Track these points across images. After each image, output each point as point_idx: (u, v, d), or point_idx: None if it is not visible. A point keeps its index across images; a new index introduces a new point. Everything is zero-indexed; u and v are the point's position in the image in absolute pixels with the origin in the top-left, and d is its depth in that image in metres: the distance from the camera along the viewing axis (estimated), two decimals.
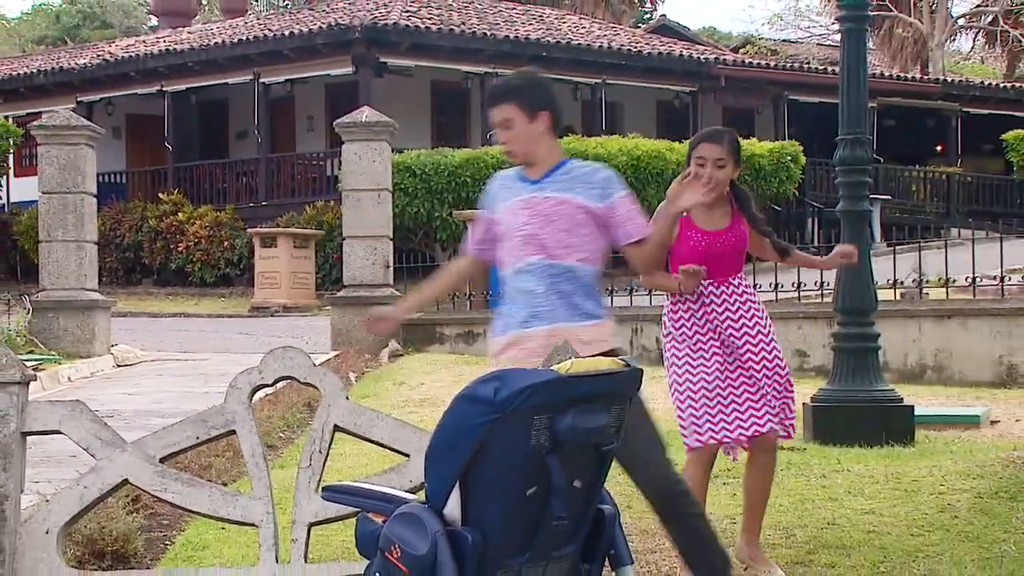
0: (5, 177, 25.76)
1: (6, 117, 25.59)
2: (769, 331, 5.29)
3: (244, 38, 26.02)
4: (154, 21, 44.61)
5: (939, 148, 31.47)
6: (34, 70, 29.10)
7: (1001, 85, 33.24)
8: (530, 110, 4.46)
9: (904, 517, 5.84)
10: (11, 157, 25.49)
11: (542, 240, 4.44)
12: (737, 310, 5.27)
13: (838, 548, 5.41)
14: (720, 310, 5.26)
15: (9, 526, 4.64)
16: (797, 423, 8.37)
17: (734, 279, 5.34)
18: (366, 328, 5.00)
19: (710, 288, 5.27)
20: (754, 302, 5.36)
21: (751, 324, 5.26)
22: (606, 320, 4.57)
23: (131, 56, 27.72)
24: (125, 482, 4.80)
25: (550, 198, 4.46)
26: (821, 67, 30.17)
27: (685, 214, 5.19)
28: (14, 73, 29.55)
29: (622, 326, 13.60)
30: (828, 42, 40.83)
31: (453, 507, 3.00)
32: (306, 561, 4.65)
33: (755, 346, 5.23)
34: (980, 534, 5.50)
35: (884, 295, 10.26)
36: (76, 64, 28.34)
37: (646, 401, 4.29)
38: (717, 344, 5.23)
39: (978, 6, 42.10)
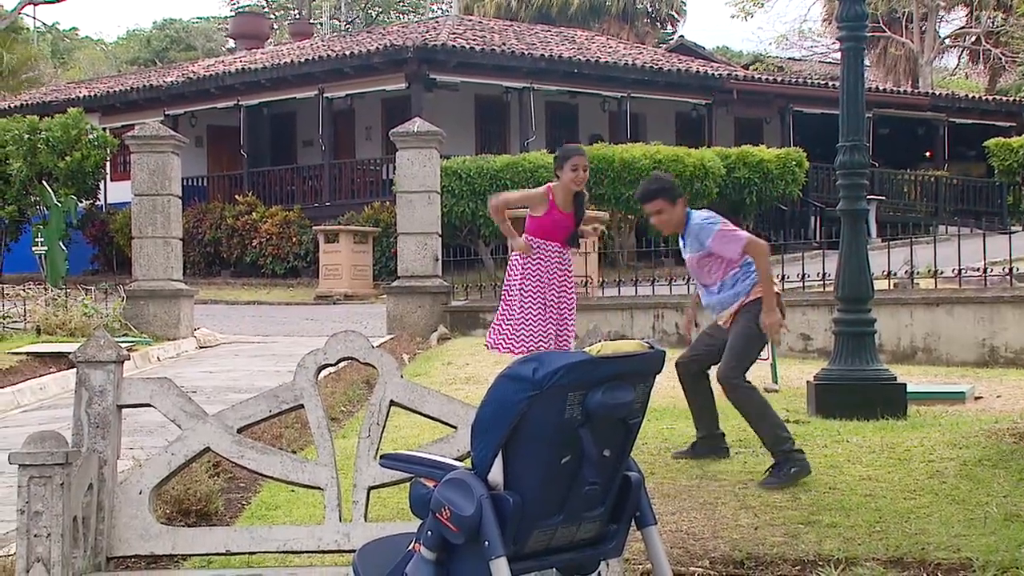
0: (103, 181, 25.94)
1: (104, 129, 25.76)
2: (573, 287, 7.69)
3: (310, 58, 26.06)
4: (232, 44, 44.82)
5: (928, 154, 31.19)
6: (128, 87, 29.28)
7: (984, 98, 32.92)
8: (672, 200, 6.29)
9: (898, 483, 5.79)
10: (108, 164, 25.67)
11: (698, 275, 6.44)
12: (563, 270, 7.54)
13: (839, 510, 5.37)
14: (554, 261, 7.48)
15: (108, 487, 4.67)
16: (802, 400, 8.37)
17: (562, 247, 7.53)
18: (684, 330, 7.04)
19: (552, 246, 7.48)
20: (570, 266, 7.66)
21: (564, 278, 7.55)
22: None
23: (212, 75, 27.83)
24: (207, 450, 4.82)
25: (688, 256, 6.42)
26: (823, 82, 29.90)
27: (551, 197, 7.42)
28: (111, 90, 29.74)
29: (645, 313, 13.56)
30: (829, 59, 40.53)
31: (496, 473, 3.00)
32: (366, 520, 4.66)
33: (566, 294, 7.54)
34: (966, 498, 5.44)
35: (879, 285, 10.18)
36: (164, 82, 28.49)
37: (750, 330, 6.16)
38: (546, 287, 7.43)
39: (963, 27, 41.66)
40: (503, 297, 7.71)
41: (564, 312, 7.57)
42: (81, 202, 23.57)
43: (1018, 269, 11.95)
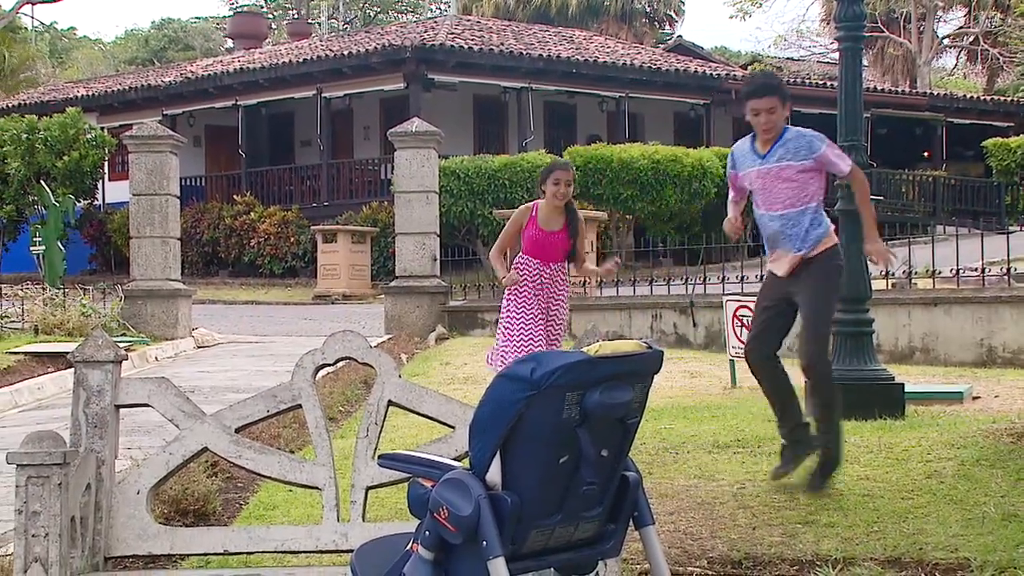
0: (101, 181, 25.94)
1: (101, 128, 25.76)
2: (567, 308, 7.38)
3: (308, 58, 26.07)
4: (230, 44, 44.82)
5: (926, 154, 31.21)
6: (126, 87, 29.28)
7: (981, 98, 32.95)
8: (784, 101, 5.56)
9: (895, 482, 5.79)
10: (106, 164, 25.67)
11: (771, 192, 5.61)
12: (554, 286, 7.23)
13: (837, 510, 5.37)
14: (546, 282, 7.21)
15: (105, 487, 4.67)
16: (800, 400, 8.34)
17: (555, 265, 7.24)
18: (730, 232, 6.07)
19: (537, 263, 7.21)
20: (565, 286, 7.31)
21: (558, 299, 7.25)
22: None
23: (210, 74, 27.84)
24: (205, 450, 4.81)
25: (774, 167, 5.59)
26: (821, 82, 29.92)
27: (534, 212, 7.20)
28: (109, 90, 29.74)
29: (643, 313, 13.56)
30: (827, 60, 40.57)
31: (494, 473, 3.00)
32: (364, 520, 4.66)
33: (557, 314, 7.28)
34: (963, 497, 5.44)
35: (877, 285, 10.19)
36: (162, 82, 28.49)
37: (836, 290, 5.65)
38: (540, 304, 7.17)
39: (961, 28, 41.70)
40: (501, 324, 7.43)
41: (551, 330, 7.31)
42: (79, 202, 23.56)
43: (1016, 269, 11.95)
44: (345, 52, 25.57)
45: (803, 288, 5.59)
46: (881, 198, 26.47)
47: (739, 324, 9.86)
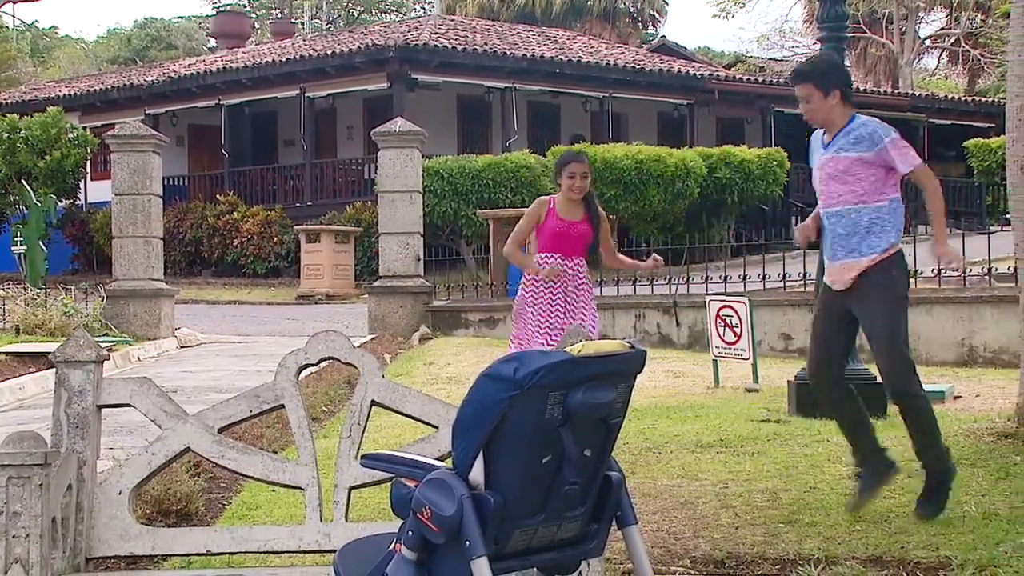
0: (83, 181, 25.84)
1: (84, 128, 25.67)
2: (591, 301, 6.92)
3: (292, 57, 26.02)
4: (213, 43, 44.69)
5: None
6: (108, 86, 29.17)
7: (963, 99, 33.10)
8: (823, 90, 5.10)
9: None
10: (88, 163, 25.57)
11: (836, 186, 5.09)
12: (575, 279, 6.84)
13: (819, 509, 5.39)
14: (568, 276, 6.82)
15: (87, 487, 4.65)
16: (782, 400, 8.39)
17: (576, 258, 6.86)
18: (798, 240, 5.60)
19: (558, 258, 6.82)
20: (586, 281, 6.95)
21: (580, 293, 6.85)
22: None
23: (193, 74, 27.76)
24: (187, 450, 4.80)
25: (834, 156, 5.11)
26: None
27: (552, 205, 6.86)
28: (91, 89, 29.64)
29: (626, 313, 13.58)
30: None
31: (477, 473, 3.00)
32: (347, 520, 4.65)
33: (581, 309, 6.82)
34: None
35: None
36: (145, 81, 28.40)
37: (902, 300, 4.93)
38: (559, 297, 6.79)
39: (942, 29, 41.90)
40: (515, 319, 7.13)
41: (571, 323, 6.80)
42: (61, 201, 23.49)
43: (996, 269, 12.01)
44: (328, 52, 25.54)
45: (865, 304, 4.95)
46: None
47: (722, 324, 9.89)
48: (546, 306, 6.82)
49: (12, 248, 18.61)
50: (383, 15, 56.25)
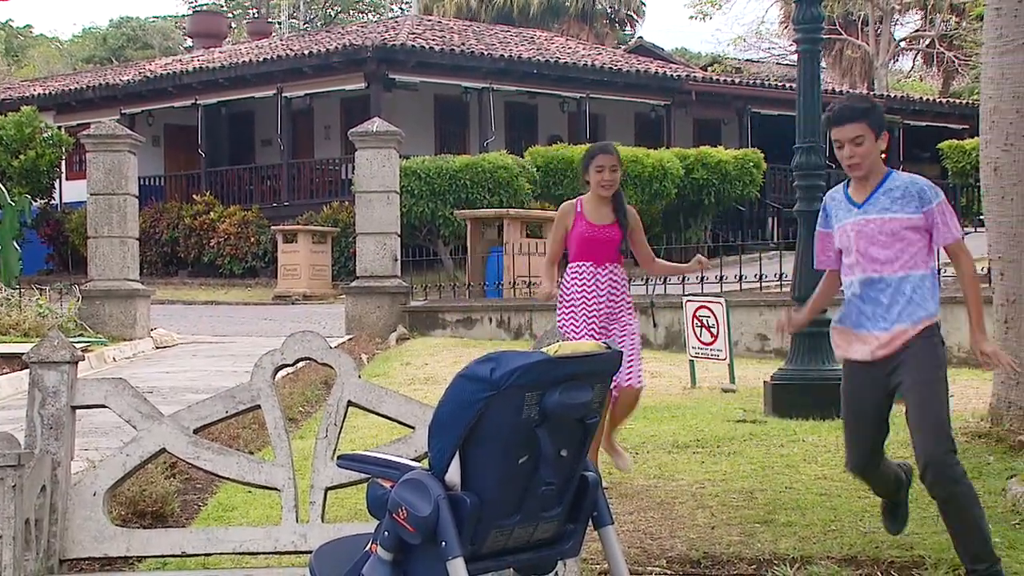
0: (58, 180, 25.68)
1: (58, 127, 25.52)
2: (633, 313, 6.17)
3: (268, 57, 25.93)
4: (189, 42, 44.51)
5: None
6: (83, 85, 29.01)
7: (937, 100, 33.31)
8: (877, 130, 4.50)
9: (852, 482, 5.81)
10: (63, 163, 25.41)
11: (873, 250, 4.42)
12: (613, 289, 6.05)
13: (795, 509, 5.41)
14: (603, 287, 6.04)
15: (61, 489, 4.62)
16: (758, 400, 8.42)
17: (611, 264, 6.07)
18: (776, 331, 5.31)
19: (591, 267, 6.04)
20: (625, 288, 6.13)
21: (619, 303, 6.07)
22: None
23: (169, 73, 27.64)
24: (163, 451, 4.78)
25: (875, 219, 4.44)
26: (780, 83, 30.10)
27: (580, 208, 6.08)
28: (66, 88, 29.46)
29: None
30: (786, 61, 40.81)
31: (453, 474, 2.99)
32: (323, 521, 4.64)
33: (623, 320, 6.07)
34: (919, 496, 5.47)
35: None
36: (120, 80, 28.24)
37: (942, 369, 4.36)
38: (596, 308, 6.02)
39: (917, 31, 42.14)
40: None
41: (616, 332, 6.08)
42: (35, 201, 23.33)
43: None
44: (306, 52, 25.47)
45: (907, 377, 4.37)
46: None
47: (699, 324, 9.91)
48: (584, 316, 6.05)
49: None
50: (360, 15, 56.15)
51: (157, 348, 14.27)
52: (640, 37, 42.34)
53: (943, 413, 4.34)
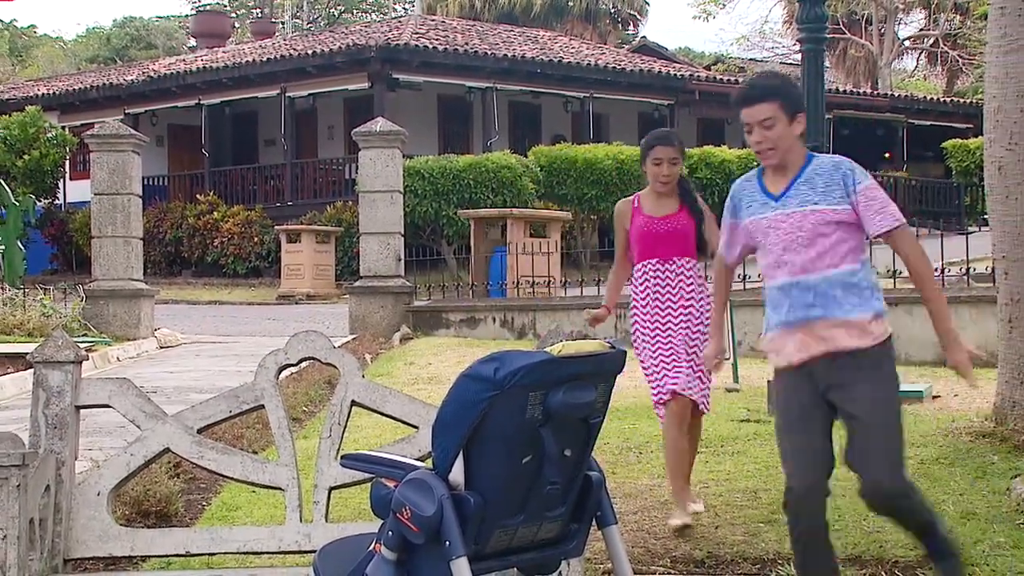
0: (62, 180, 25.70)
1: (63, 127, 25.52)
2: (703, 315, 5.41)
3: (272, 57, 25.94)
4: (193, 42, 44.53)
5: (887, 155, 31.47)
6: (87, 86, 29.02)
7: (941, 100, 33.28)
8: (792, 111, 3.92)
9: (856, 481, 5.82)
10: (67, 163, 25.43)
11: (798, 248, 3.89)
12: (682, 283, 5.43)
13: None
14: (670, 284, 5.44)
15: (65, 488, 4.63)
16: (762, 400, 8.41)
17: (680, 259, 5.44)
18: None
19: (656, 265, 5.44)
20: (698, 283, 5.47)
21: (689, 298, 5.43)
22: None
23: (173, 73, 27.65)
24: (167, 450, 4.78)
25: (794, 213, 3.89)
26: None
27: (636, 203, 5.53)
28: (70, 88, 29.47)
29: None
30: (790, 60, 40.79)
31: (457, 473, 3.00)
32: (327, 521, 4.64)
33: (686, 322, 5.43)
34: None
35: None
36: (124, 80, 28.26)
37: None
38: (670, 312, 5.44)
39: (921, 30, 42.09)
40: (635, 349, 5.61)
41: (689, 336, 5.50)
42: (39, 201, 23.33)
43: (975, 269, 12.07)
44: (309, 51, 25.47)
45: (853, 394, 3.82)
46: None
47: None
48: (652, 326, 5.50)
49: None
50: (364, 15, 56.16)
51: (161, 348, 14.27)
52: (643, 37, 42.33)
53: (898, 437, 3.87)
